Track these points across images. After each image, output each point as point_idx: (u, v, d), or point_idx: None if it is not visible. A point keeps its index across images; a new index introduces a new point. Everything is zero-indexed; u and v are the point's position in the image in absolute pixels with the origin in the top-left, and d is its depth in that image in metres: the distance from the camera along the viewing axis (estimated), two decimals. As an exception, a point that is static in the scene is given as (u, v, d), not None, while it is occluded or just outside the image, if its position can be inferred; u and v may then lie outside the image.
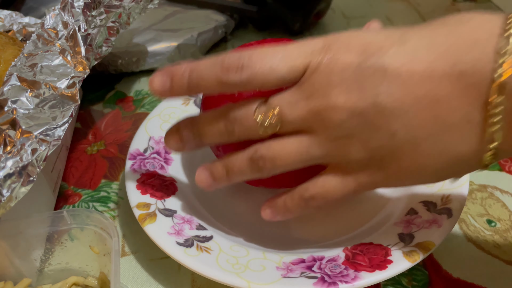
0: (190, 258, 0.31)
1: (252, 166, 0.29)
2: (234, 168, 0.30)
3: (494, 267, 0.33)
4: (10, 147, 0.30)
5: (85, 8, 0.37)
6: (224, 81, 0.28)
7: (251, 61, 0.27)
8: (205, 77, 0.28)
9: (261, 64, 0.27)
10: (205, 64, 0.28)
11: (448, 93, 0.24)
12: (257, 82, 0.27)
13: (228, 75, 0.27)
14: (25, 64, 0.33)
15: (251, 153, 0.29)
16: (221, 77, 0.28)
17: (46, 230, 0.31)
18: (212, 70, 0.28)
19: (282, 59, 0.27)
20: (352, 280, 0.29)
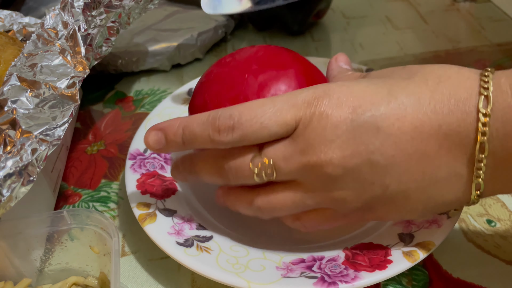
0: (190, 258, 0.31)
1: (253, 212, 0.31)
2: (239, 209, 0.32)
3: (494, 267, 0.33)
4: (10, 147, 0.30)
5: (85, 8, 0.37)
6: (216, 140, 0.29)
7: (241, 120, 0.28)
8: (198, 137, 0.29)
9: (251, 123, 0.28)
10: (197, 123, 0.29)
11: (436, 151, 0.26)
12: (249, 140, 0.28)
13: (219, 135, 0.28)
14: (25, 64, 0.33)
15: (249, 202, 0.31)
16: (213, 137, 0.29)
17: (46, 230, 0.31)
18: (204, 130, 0.29)
19: (272, 115, 0.28)
20: (352, 280, 0.29)
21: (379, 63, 0.53)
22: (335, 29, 0.60)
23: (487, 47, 0.54)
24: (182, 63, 0.55)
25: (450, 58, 0.53)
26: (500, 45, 0.54)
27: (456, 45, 0.55)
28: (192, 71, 0.55)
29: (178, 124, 0.30)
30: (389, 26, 0.59)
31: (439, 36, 0.56)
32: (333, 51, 0.56)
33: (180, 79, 0.54)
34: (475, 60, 0.52)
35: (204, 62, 0.56)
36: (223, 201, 0.33)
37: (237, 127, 0.28)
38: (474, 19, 0.59)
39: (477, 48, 0.54)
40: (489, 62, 0.52)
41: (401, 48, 0.55)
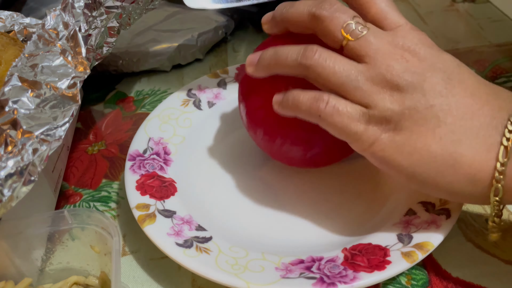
0: (190, 259, 0.31)
1: (300, 62, 0.31)
2: (282, 57, 0.32)
3: (493, 266, 0.33)
4: (11, 147, 0.30)
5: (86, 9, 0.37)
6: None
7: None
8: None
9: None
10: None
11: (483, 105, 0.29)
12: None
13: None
14: (26, 64, 0.33)
15: (308, 48, 0.31)
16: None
17: (47, 230, 0.31)
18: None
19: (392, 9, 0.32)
20: (351, 280, 0.29)
21: (379, 63, 0.53)
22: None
23: (486, 48, 0.54)
24: (183, 63, 0.55)
25: (449, 58, 0.53)
26: (499, 46, 0.54)
27: (455, 46, 0.55)
28: (192, 72, 0.55)
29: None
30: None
31: (438, 37, 0.56)
32: (333, 52, 0.56)
33: (181, 79, 0.54)
34: (474, 60, 0.52)
35: (204, 63, 0.56)
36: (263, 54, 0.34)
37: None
38: (473, 20, 0.59)
39: (476, 48, 0.54)
40: (488, 62, 0.52)
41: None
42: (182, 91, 0.46)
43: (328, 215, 0.36)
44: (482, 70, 0.51)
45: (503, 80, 0.49)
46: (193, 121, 0.44)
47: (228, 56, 0.57)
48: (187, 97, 0.45)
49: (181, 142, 0.42)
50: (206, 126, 0.44)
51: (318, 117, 0.31)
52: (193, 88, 0.46)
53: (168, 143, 0.41)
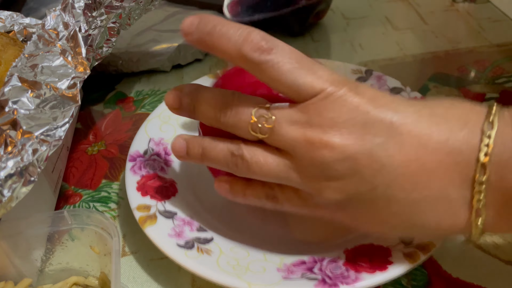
0: (191, 260, 0.31)
1: (229, 161, 0.29)
2: (210, 153, 0.30)
3: (494, 267, 0.33)
4: (11, 148, 0.30)
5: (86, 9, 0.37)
6: (244, 53, 0.27)
7: (277, 51, 0.27)
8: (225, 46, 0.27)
9: (286, 63, 0.27)
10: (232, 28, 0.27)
11: (435, 167, 0.25)
12: (272, 72, 0.27)
13: (250, 52, 0.26)
14: (26, 64, 0.33)
15: (234, 148, 0.29)
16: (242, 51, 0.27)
17: (47, 230, 0.31)
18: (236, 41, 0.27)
19: (307, 72, 0.27)
20: (353, 281, 0.29)
21: (379, 63, 0.53)
22: (335, 29, 0.60)
23: (486, 48, 0.54)
24: (183, 63, 0.55)
25: (449, 58, 0.53)
26: (500, 46, 0.54)
27: (455, 46, 0.55)
28: (192, 72, 0.55)
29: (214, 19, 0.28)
30: (388, 27, 0.59)
31: (439, 37, 0.56)
32: (333, 52, 0.56)
33: (181, 79, 0.54)
34: (475, 60, 0.52)
35: (204, 63, 0.56)
36: (189, 144, 0.31)
37: (268, 52, 0.26)
38: (473, 20, 0.59)
39: (476, 48, 0.54)
40: (488, 62, 0.52)
41: (401, 49, 0.55)
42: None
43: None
44: (482, 71, 0.51)
45: (503, 80, 0.49)
46: (194, 121, 0.43)
47: (228, 56, 0.57)
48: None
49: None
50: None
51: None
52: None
53: (168, 144, 0.41)
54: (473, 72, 0.51)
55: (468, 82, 0.49)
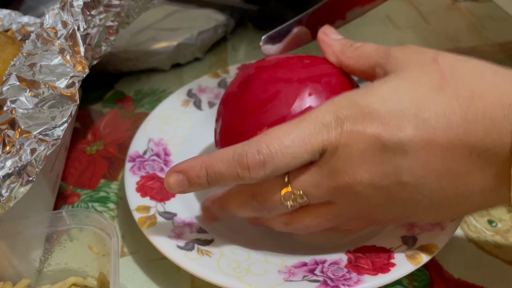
0: (191, 262, 0.31)
1: (288, 229, 0.31)
2: (275, 228, 0.32)
3: (495, 267, 0.33)
4: (9, 147, 0.30)
5: (85, 8, 0.37)
6: (247, 178, 0.28)
7: (271, 154, 0.27)
8: (225, 176, 0.28)
9: (282, 155, 0.27)
10: (222, 162, 0.28)
11: (469, 170, 0.25)
12: (281, 171, 0.28)
13: (250, 173, 0.27)
14: (24, 63, 0.33)
15: (286, 223, 0.31)
16: (242, 175, 0.28)
17: (45, 231, 0.31)
18: (232, 168, 0.28)
19: (302, 143, 0.27)
20: (355, 283, 0.29)
21: (380, 62, 0.53)
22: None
23: (488, 47, 0.54)
24: (182, 62, 0.55)
25: (451, 58, 0.53)
26: (501, 45, 0.54)
27: (457, 45, 0.55)
28: (192, 71, 0.55)
29: (200, 165, 0.29)
30: (390, 26, 0.59)
31: (440, 36, 0.56)
32: (334, 51, 0.56)
33: (180, 78, 0.53)
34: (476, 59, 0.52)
35: (204, 62, 0.56)
36: (257, 223, 0.33)
37: (267, 161, 0.27)
38: (475, 19, 0.59)
39: (478, 47, 0.54)
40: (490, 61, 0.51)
41: (402, 48, 0.55)
42: (182, 91, 0.45)
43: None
44: (484, 70, 0.50)
45: (505, 80, 0.49)
46: (194, 121, 0.43)
47: (228, 55, 0.57)
48: (187, 97, 0.45)
49: (181, 143, 0.41)
50: (207, 126, 0.43)
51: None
52: (193, 88, 0.46)
53: (168, 144, 0.41)
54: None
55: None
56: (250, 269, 0.31)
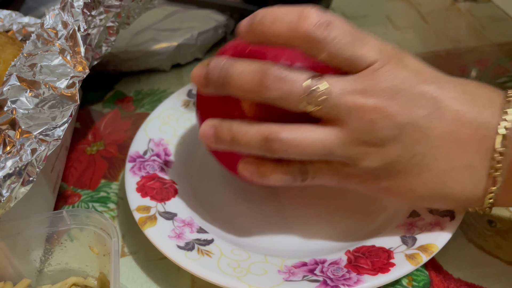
0: (191, 261, 0.31)
1: (263, 146, 0.28)
2: (241, 140, 0.29)
3: (495, 267, 0.33)
4: (9, 147, 0.30)
5: (85, 8, 0.37)
6: (304, 33, 0.27)
7: (334, 25, 0.27)
8: (281, 30, 0.27)
9: (343, 35, 0.27)
10: (283, 9, 0.28)
11: (466, 138, 0.28)
12: (332, 47, 0.27)
13: (310, 30, 0.27)
14: (24, 64, 0.33)
15: (267, 132, 0.28)
16: (301, 30, 0.27)
17: (46, 231, 0.31)
18: (291, 22, 0.27)
19: (359, 42, 0.27)
20: (354, 283, 0.29)
21: (380, 63, 0.53)
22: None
23: (487, 47, 0.54)
24: (182, 63, 0.55)
25: (450, 58, 0.53)
26: (501, 45, 0.54)
27: (456, 45, 0.55)
28: (192, 71, 0.55)
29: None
30: (389, 26, 0.59)
31: (440, 36, 0.56)
32: (334, 51, 0.56)
33: (180, 79, 0.53)
34: (476, 60, 0.52)
35: (204, 62, 0.56)
36: (216, 130, 0.30)
37: (327, 26, 0.27)
38: (474, 19, 0.59)
39: (477, 48, 0.54)
40: (490, 62, 0.52)
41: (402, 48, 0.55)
42: (183, 91, 0.45)
43: (331, 217, 0.36)
44: (483, 70, 0.50)
45: (504, 80, 0.49)
46: (194, 122, 0.43)
47: (228, 55, 0.57)
48: (188, 97, 0.45)
49: (181, 143, 0.42)
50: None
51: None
52: (194, 89, 0.46)
53: (168, 144, 0.41)
54: (474, 72, 0.51)
55: (469, 82, 0.49)
56: (250, 269, 0.31)
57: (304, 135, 0.28)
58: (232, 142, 0.29)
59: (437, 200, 0.30)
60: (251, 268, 0.31)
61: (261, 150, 0.29)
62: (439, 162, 0.28)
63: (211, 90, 0.30)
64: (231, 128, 0.29)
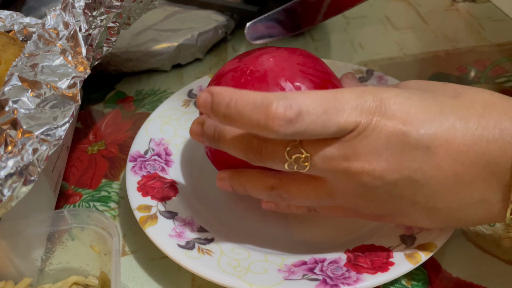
0: (192, 260, 0.31)
1: (270, 196, 0.31)
2: (252, 191, 0.32)
3: (494, 266, 0.33)
4: (11, 147, 0.30)
5: (86, 9, 0.37)
6: (268, 128, 0.26)
7: (303, 114, 0.25)
8: (244, 117, 0.26)
9: (313, 120, 0.26)
10: (248, 104, 0.26)
11: (473, 178, 0.26)
12: (303, 136, 0.26)
13: (273, 125, 0.25)
14: (26, 64, 0.33)
15: (269, 187, 0.30)
16: (265, 124, 0.25)
17: (47, 230, 0.31)
18: (256, 113, 0.26)
19: (337, 116, 0.26)
20: (354, 282, 0.29)
21: (379, 63, 0.53)
22: (335, 29, 0.60)
23: (486, 47, 0.54)
24: (183, 63, 0.55)
25: (449, 58, 0.53)
26: (500, 45, 0.54)
27: (455, 45, 0.55)
28: (192, 71, 0.55)
29: (229, 95, 0.27)
30: (388, 26, 0.59)
31: (439, 36, 0.56)
32: (333, 51, 0.56)
33: (181, 79, 0.54)
34: (475, 60, 0.52)
35: (204, 62, 0.56)
36: (230, 182, 0.32)
37: (296, 121, 0.25)
38: (473, 19, 0.59)
39: (476, 48, 0.54)
40: (489, 62, 0.52)
41: (401, 48, 0.55)
42: (183, 91, 0.46)
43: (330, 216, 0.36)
44: (482, 70, 0.51)
45: (503, 80, 0.49)
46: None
47: (228, 55, 0.57)
48: (188, 97, 0.45)
49: (182, 143, 0.42)
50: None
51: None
52: (194, 89, 0.46)
53: (169, 144, 0.41)
54: (473, 72, 0.51)
55: (468, 81, 0.49)
56: (250, 268, 0.31)
57: (299, 191, 0.30)
58: (246, 192, 0.32)
59: (453, 226, 0.30)
60: (251, 267, 0.31)
61: (271, 198, 0.31)
62: (448, 203, 0.27)
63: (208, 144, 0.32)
64: (241, 182, 0.32)
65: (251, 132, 0.28)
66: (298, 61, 0.33)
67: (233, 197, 0.38)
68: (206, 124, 0.31)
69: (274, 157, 0.28)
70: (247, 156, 0.29)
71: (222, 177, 0.33)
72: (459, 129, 0.26)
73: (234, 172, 0.32)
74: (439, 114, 0.26)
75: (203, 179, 0.40)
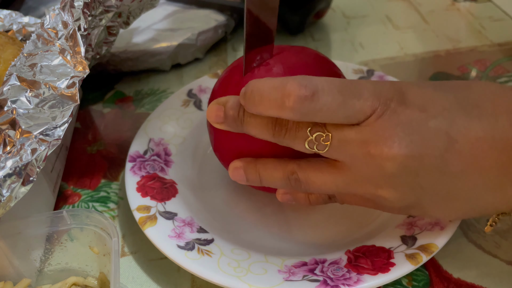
0: (191, 261, 0.31)
1: (287, 183, 0.30)
2: (269, 179, 0.31)
3: (495, 267, 0.33)
4: (9, 147, 0.30)
5: (85, 8, 0.37)
6: (286, 106, 0.26)
7: (322, 92, 0.26)
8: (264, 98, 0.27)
9: (330, 99, 0.26)
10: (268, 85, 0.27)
11: (491, 165, 0.26)
12: (318, 116, 0.26)
13: (292, 101, 0.26)
14: (24, 64, 0.33)
15: (288, 173, 0.30)
16: (282, 101, 0.26)
17: (46, 230, 0.31)
18: (275, 93, 0.27)
19: (354, 98, 0.26)
20: (354, 283, 0.29)
21: (380, 62, 0.53)
22: (336, 28, 0.60)
23: (487, 47, 0.54)
24: (182, 62, 0.55)
25: (450, 58, 0.53)
26: (501, 45, 0.54)
27: (456, 45, 0.55)
28: (192, 71, 0.55)
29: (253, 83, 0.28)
30: (389, 26, 0.59)
31: (440, 36, 0.56)
32: (333, 51, 0.56)
33: (180, 78, 0.54)
34: (475, 60, 0.52)
35: (204, 62, 0.56)
36: (245, 171, 0.31)
37: (311, 99, 0.26)
38: (474, 19, 0.59)
39: (477, 48, 0.54)
40: (490, 62, 0.52)
41: (402, 48, 0.55)
42: (183, 91, 0.45)
43: (331, 217, 0.36)
44: (483, 70, 0.50)
45: (504, 80, 0.49)
46: (194, 121, 0.43)
47: (228, 55, 0.57)
48: (188, 97, 0.45)
49: (182, 143, 0.42)
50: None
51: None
52: (194, 89, 0.46)
53: (168, 144, 0.41)
54: (474, 72, 0.51)
55: (469, 81, 0.49)
56: (250, 269, 0.31)
57: (317, 177, 0.29)
58: (261, 181, 0.31)
59: (471, 215, 0.29)
60: (251, 268, 0.31)
61: (288, 187, 0.31)
62: (468, 191, 0.27)
63: (226, 128, 0.31)
64: (257, 170, 0.31)
65: (272, 115, 0.28)
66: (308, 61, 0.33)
67: (233, 198, 0.38)
68: (229, 104, 0.30)
69: (296, 133, 0.28)
70: (272, 132, 0.29)
71: (237, 166, 0.32)
72: (476, 116, 0.26)
73: (250, 161, 0.32)
74: (456, 103, 0.27)
75: (203, 179, 0.40)
